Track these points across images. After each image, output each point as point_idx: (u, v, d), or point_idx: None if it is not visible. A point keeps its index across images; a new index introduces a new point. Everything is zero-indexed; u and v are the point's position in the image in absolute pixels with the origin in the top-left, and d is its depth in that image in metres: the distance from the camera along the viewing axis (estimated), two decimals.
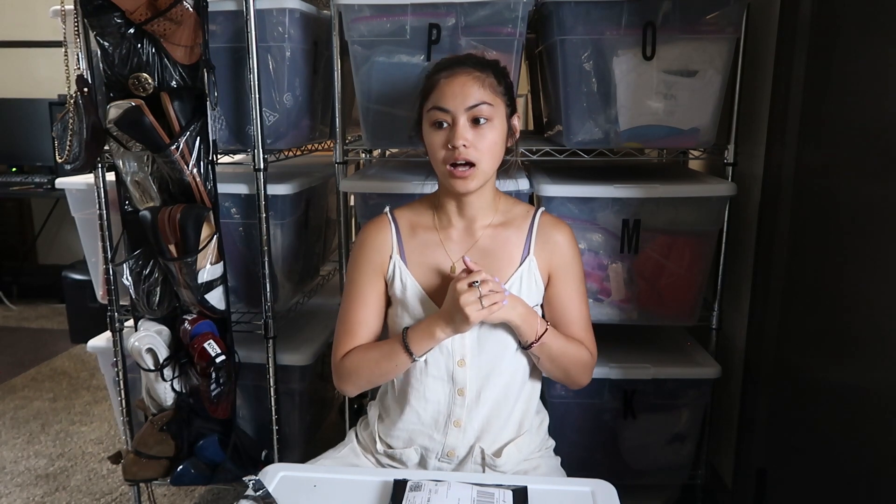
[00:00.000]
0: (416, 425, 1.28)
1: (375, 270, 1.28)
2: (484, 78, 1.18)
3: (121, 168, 1.66)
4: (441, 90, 1.17)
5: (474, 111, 1.16)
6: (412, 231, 1.29)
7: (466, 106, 1.16)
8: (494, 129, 1.18)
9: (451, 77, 1.18)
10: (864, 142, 1.34)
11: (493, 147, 1.19)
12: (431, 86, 1.20)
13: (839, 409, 1.41)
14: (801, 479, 1.57)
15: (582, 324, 1.29)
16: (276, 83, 1.66)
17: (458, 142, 1.15)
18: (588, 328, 1.30)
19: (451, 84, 1.17)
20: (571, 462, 1.38)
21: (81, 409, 2.77)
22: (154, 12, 1.49)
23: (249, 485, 1.06)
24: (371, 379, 1.28)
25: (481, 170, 1.18)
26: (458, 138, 1.15)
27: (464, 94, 1.16)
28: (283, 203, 1.75)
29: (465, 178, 1.17)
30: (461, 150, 1.15)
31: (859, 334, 1.35)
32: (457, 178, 1.17)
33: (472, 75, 1.17)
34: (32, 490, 2.20)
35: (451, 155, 1.16)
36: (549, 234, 1.28)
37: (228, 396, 1.70)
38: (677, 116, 1.62)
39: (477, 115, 1.16)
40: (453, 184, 1.18)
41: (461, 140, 1.15)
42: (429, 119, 1.19)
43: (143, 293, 1.68)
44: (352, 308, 1.29)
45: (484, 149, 1.17)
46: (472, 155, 1.16)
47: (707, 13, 1.57)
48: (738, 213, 1.79)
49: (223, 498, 2.15)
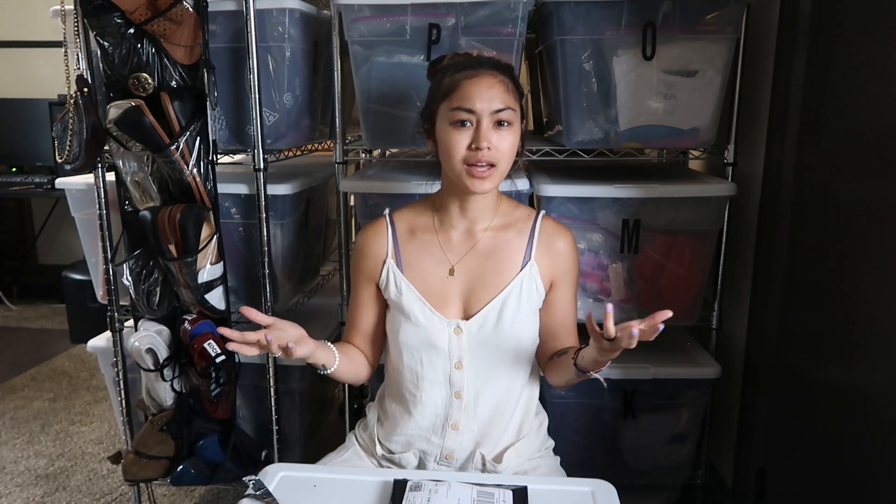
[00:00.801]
0: (414, 429, 1.28)
1: (368, 276, 1.31)
2: (506, 81, 1.18)
3: (121, 168, 1.66)
4: (465, 90, 1.16)
5: (500, 115, 1.16)
6: (411, 233, 1.29)
7: (493, 109, 1.15)
8: (514, 133, 1.19)
9: (476, 78, 1.17)
10: (864, 142, 1.34)
11: (513, 150, 1.19)
12: (452, 85, 1.18)
13: (839, 409, 1.41)
14: (801, 479, 1.57)
15: (574, 328, 1.32)
16: (276, 83, 1.65)
17: (483, 143, 1.15)
18: (576, 330, 1.33)
19: (478, 85, 1.16)
20: (571, 462, 1.38)
21: (81, 409, 2.77)
22: (154, 12, 1.49)
23: (249, 485, 1.06)
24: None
25: (500, 171, 1.19)
26: (483, 140, 1.15)
27: (490, 96, 1.15)
28: (283, 203, 1.75)
29: (484, 178, 1.17)
30: (485, 151, 1.15)
31: (859, 334, 1.35)
32: (475, 177, 1.17)
33: (497, 78, 1.17)
34: (32, 490, 2.20)
35: (474, 155, 1.16)
36: (552, 240, 1.28)
37: (228, 396, 1.70)
38: (677, 116, 1.62)
39: (502, 118, 1.16)
40: (470, 183, 1.18)
41: (486, 142, 1.15)
42: (449, 118, 1.18)
43: (143, 293, 1.68)
44: (350, 307, 1.36)
45: (505, 151, 1.17)
46: (494, 157, 1.16)
47: (707, 13, 1.57)
48: (738, 213, 1.79)
49: (223, 498, 2.15)
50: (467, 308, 1.25)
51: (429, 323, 1.24)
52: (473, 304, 1.25)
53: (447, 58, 1.29)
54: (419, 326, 1.24)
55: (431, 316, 1.24)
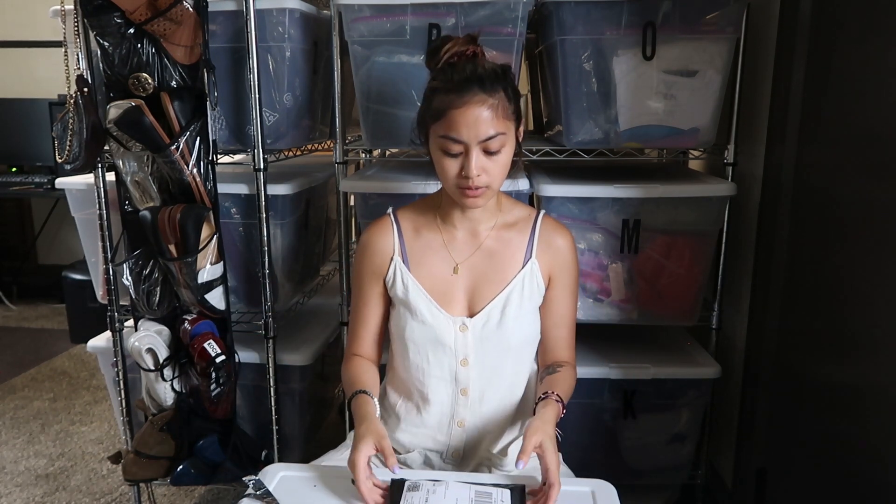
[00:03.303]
0: (420, 427, 1.28)
1: (375, 273, 1.29)
2: (496, 104, 1.14)
3: (121, 168, 1.66)
4: (453, 120, 1.13)
5: (489, 143, 1.14)
6: (415, 232, 1.29)
7: (480, 139, 1.13)
8: (506, 153, 1.17)
9: (464, 108, 1.12)
10: (864, 142, 1.34)
11: (505, 168, 1.19)
12: (440, 111, 1.15)
13: (839, 408, 1.41)
14: (801, 479, 1.57)
15: (571, 327, 1.33)
16: (276, 83, 1.66)
17: (473, 173, 1.14)
18: (574, 330, 1.34)
19: (465, 115, 1.12)
20: (571, 462, 1.38)
21: (81, 409, 2.77)
22: (154, 12, 1.49)
23: (250, 485, 1.06)
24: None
25: (493, 189, 1.19)
26: (473, 169, 1.14)
27: (477, 126, 1.12)
28: (283, 203, 1.75)
29: (477, 196, 1.17)
30: (474, 179, 1.14)
31: (859, 334, 1.35)
32: (468, 197, 1.17)
33: (485, 104, 1.13)
34: (32, 490, 2.20)
35: (465, 182, 1.15)
36: (552, 238, 1.29)
37: (228, 396, 1.70)
38: (677, 116, 1.62)
39: (491, 147, 1.14)
40: (464, 202, 1.19)
41: (476, 171, 1.14)
42: (439, 145, 1.16)
43: (143, 293, 1.68)
44: (355, 308, 1.34)
45: (497, 173, 1.17)
46: (485, 181, 1.16)
47: (707, 13, 1.57)
48: (738, 213, 1.79)
49: (223, 498, 2.15)
50: (471, 306, 1.26)
51: (435, 320, 1.24)
52: (477, 301, 1.26)
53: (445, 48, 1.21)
54: (426, 324, 1.24)
55: (438, 313, 1.24)
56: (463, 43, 1.20)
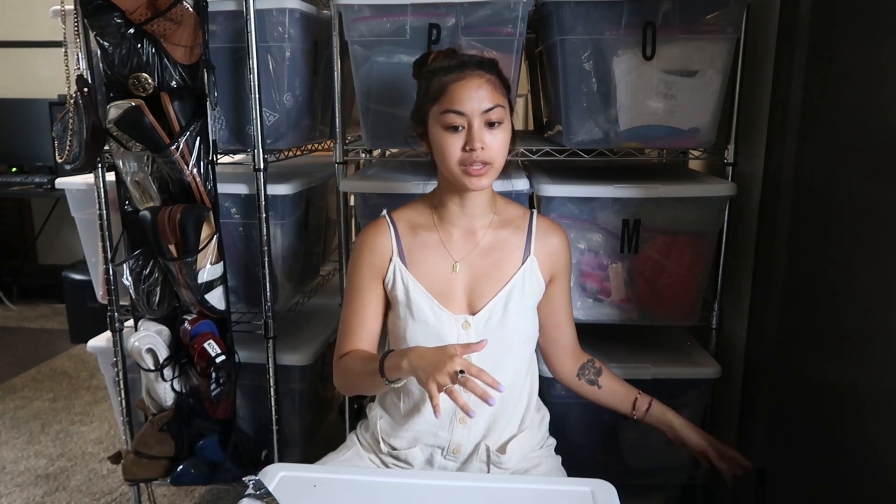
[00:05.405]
0: (422, 424, 1.29)
1: (374, 274, 1.29)
2: (493, 80, 1.20)
3: (121, 168, 1.66)
4: (454, 94, 1.17)
5: (490, 114, 1.17)
6: (412, 232, 1.29)
7: (483, 109, 1.17)
8: (506, 130, 1.21)
9: (464, 81, 1.18)
10: (864, 142, 1.34)
11: (506, 147, 1.21)
12: (441, 89, 1.19)
13: (839, 408, 1.41)
14: (801, 479, 1.57)
15: (571, 321, 1.39)
16: (276, 83, 1.66)
17: (477, 144, 1.16)
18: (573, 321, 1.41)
19: (466, 87, 1.17)
20: (571, 462, 1.38)
21: (81, 409, 2.77)
22: (154, 12, 1.49)
23: (249, 485, 1.06)
24: (357, 389, 1.29)
25: (495, 168, 1.20)
26: (476, 141, 1.16)
27: (479, 97, 1.17)
28: (283, 203, 1.75)
29: (481, 175, 1.19)
30: (478, 152, 1.17)
31: (859, 334, 1.35)
32: (472, 176, 1.18)
33: (483, 77, 1.18)
34: (32, 490, 2.20)
35: (469, 157, 1.17)
36: (549, 236, 1.32)
37: (228, 396, 1.70)
38: (677, 116, 1.62)
39: (492, 118, 1.18)
40: (468, 181, 1.19)
41: (479, 143, 1.16)
42: (441, 122, 1.19)
43: (143, 293, 1.68)
44: (350, 310, 1.31)
45: (498, 148, 1.19)
46: (488, 156, 1.18)
47: (707, 13, 1.57)
48: (738, 213, 1.79)
49: (223, 498, 2.15)
50: (472, 303, 1.27)
51: (437, 319, 1.24)
52: (478, 299, 1.26)
53: (431, 57, 1.29)
54: (428, 323, 1.24)
55: (440, 312, 1.25)
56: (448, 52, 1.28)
